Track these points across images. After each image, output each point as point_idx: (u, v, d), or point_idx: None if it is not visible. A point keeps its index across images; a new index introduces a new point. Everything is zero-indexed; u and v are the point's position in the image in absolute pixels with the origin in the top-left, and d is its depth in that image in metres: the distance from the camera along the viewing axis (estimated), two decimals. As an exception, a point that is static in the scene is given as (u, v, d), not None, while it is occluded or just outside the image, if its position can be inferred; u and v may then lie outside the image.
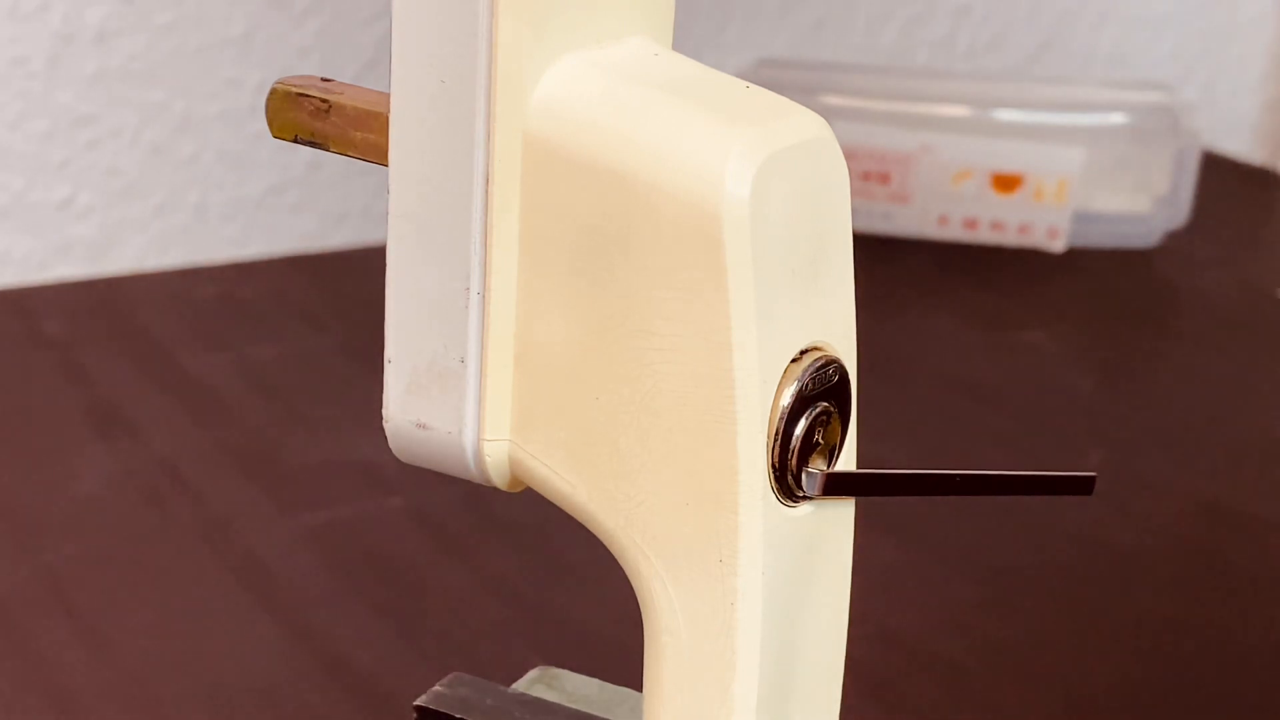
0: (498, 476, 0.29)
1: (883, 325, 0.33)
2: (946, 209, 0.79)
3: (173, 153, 0.74)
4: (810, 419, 0.27)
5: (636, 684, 0.29)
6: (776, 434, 0.27)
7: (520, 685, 0.36)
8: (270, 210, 0.76)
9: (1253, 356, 0.71)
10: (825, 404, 0.28)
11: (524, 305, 0.28)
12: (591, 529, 0.29)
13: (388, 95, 0.28)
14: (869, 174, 0.79)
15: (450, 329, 0.28)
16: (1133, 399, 0.64)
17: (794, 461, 0.27)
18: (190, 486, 0.55)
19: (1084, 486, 0.27)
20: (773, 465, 0.27)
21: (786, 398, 0.27)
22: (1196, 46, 1.01)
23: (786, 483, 0.27)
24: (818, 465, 0.28)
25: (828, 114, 0.29)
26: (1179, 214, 0.81)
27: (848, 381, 0.28)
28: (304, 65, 0.75)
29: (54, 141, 0.71)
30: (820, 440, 0.28)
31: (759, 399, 0.27)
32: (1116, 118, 0.81)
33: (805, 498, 0.28)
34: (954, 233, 0.80)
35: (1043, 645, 0.48)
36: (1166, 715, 0.45)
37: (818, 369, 0.28)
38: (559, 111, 0.27)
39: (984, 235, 0.80)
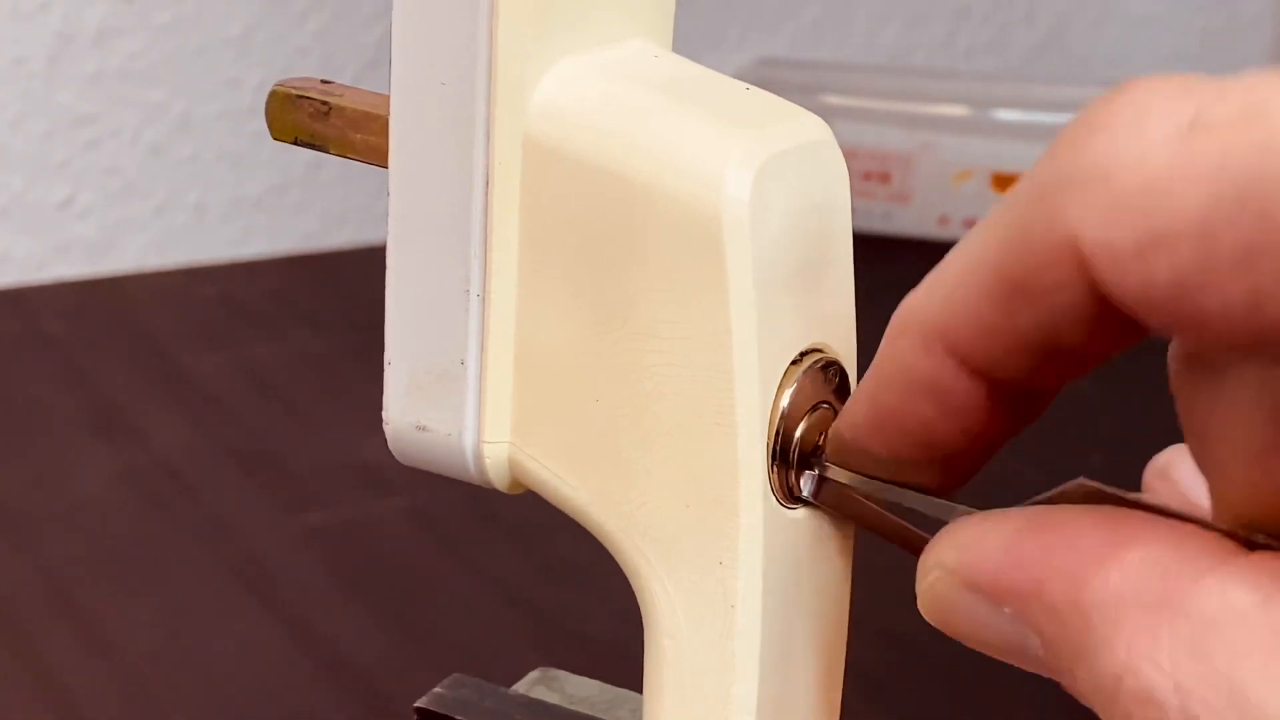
0: (498, 479, 0.29)
1: (883, 325, 0.33)
2: (946, 209, 0.79)
3: (173, 153, 0.74)
4: (811, 421, 0.27)
5: (637, 685, 0.29)
6: (777, 435, 0.27)
7: (520, 686, 0.36)
8: (270, 210, 0.76)
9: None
10: (826, 405, 0.28)
11: (524, 307, 0.28)
12: (592, 531, 0.29)
13: (387, 97, 0.28)
14: (869, 174, 0.79)
15: (450, 331, 0.28)
16: (1133, 399, 0.64)
17: (795, 464, 0.27)
18: (190, 487, 0.55)
19: None
20: (774, 467, 0.27)
21: (786, 399, 0.27)
22: (1196, 46, 1.01)
23: (788, 485, 0.27)
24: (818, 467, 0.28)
25: (828, 114, 0.29)
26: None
27: (848, 382, 0.29)
28: (304, 65, 0.75)
29: (54, 141, 0.71)
30: (822, 443, 0.28)
31: (759, 401, 0.27)
32: (1116, 118, 0.80)
33: (805, 501, 0.28)
34: (954, 233, 0.80)
35: (1043, 646, 0.48)
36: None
37: (818, 370, 0.28)
38: (559, 113, 0.27)
39: (984, 235, 0.79)
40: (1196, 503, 0.27)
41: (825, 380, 0.28)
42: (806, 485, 0.28)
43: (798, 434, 0.27)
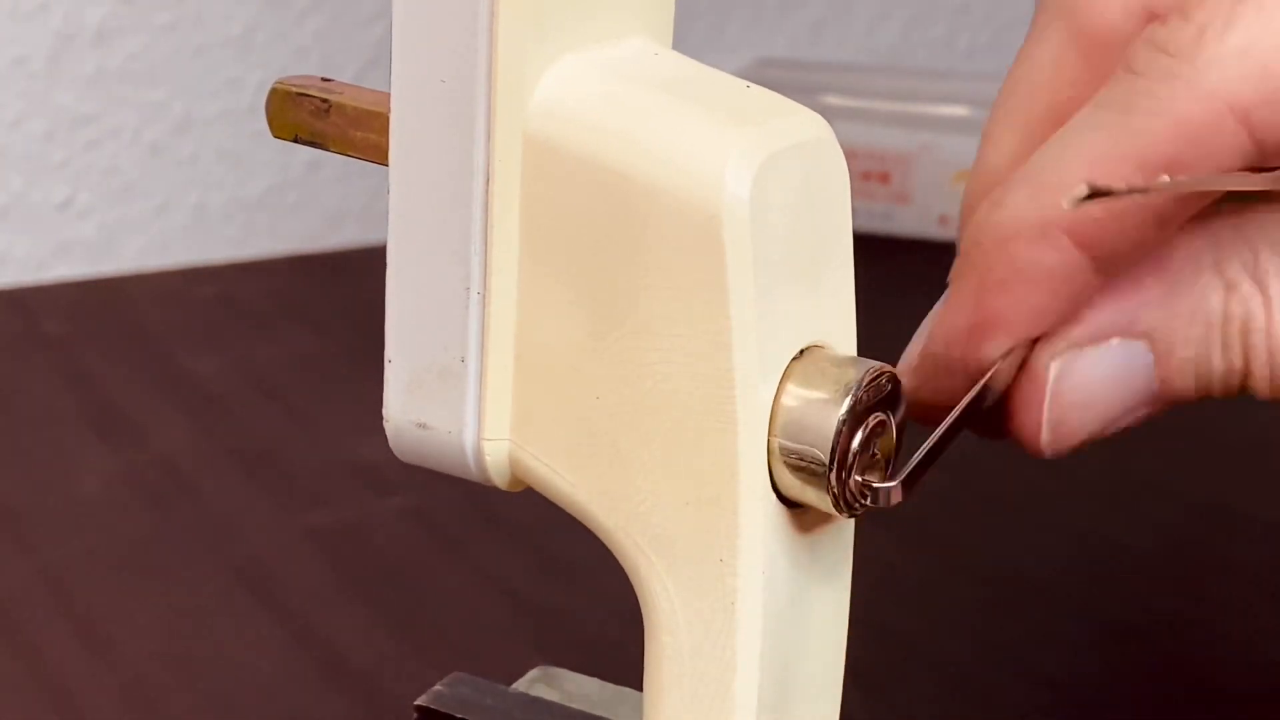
0: (498, 476, 0.29)
1: (883, 325, 0.33)
2: (946, 209, 0.79)
3: (173, 153, 0.74)
4: (867, 431, 0.27)
5: (637, 684, 0.29)
6: (833, 452, 0.27)
7: (520, 685, 0.36)
8: (270, 210, 0.76)
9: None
10: (881, 415, 0.28)
11: (524, 305, 0.28)
12: (592, 528, 0.29)
13: (388, 95, 0.28)
14: (869, 174, 0.79)
15: (450, 329, 0.28)
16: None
17: (853, 476, 0.27)
18: (190, 487, 0.55)
19: None
20: (833, 478, 0.27)
21: (842, 410, 0.27)
22: (1196, 46, 1.01)
23: (846, 498, 0.27)
24: (874, 477, 0.28)
25: (828, 114, 0.29)
26: (1179, 214, 0.81)
27: (900, 392, 0.28)
28: (304, 65, 0.75)
29: (54, 141, 0.71)
30: (877, 452, 0.28)
31: (759, 399, 0.27)
32: (1116, 118, 0.80)
33: (866, 508, 0.28)
34: (954, 233, 0.79)
35: (1043, 645, 0.48)
36: (1166, 715, 0.45)
37: (872, 380, 0.27)
38: (559, 112, 0.27)
39: (984, 235, 0.79)
40: None
41: (879, 389, 0.28)
42: (882, 496, 0.27)
43: (854, 446, 0.27)
